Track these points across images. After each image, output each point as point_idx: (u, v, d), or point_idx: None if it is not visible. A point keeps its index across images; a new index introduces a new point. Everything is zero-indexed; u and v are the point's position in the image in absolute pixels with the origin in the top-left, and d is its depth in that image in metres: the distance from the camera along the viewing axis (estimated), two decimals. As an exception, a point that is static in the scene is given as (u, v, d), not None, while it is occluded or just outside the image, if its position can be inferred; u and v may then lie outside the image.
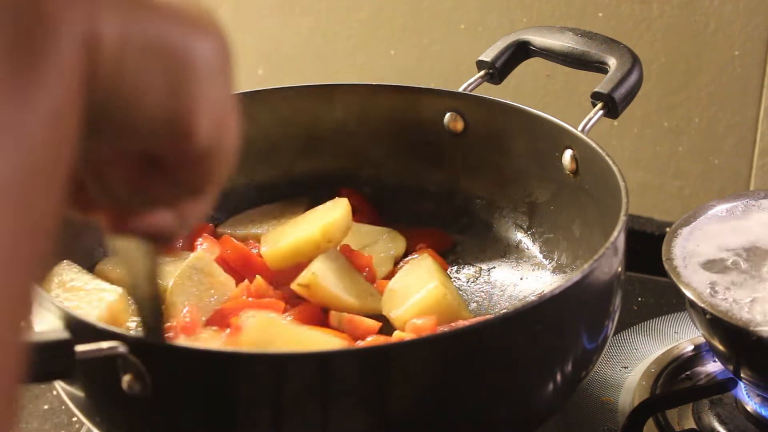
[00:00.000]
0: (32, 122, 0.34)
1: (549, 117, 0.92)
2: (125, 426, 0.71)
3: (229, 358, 0.66)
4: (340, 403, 0.65)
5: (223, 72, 0.43)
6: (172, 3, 0.41)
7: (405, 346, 0.68)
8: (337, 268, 0.89)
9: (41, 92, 0.34)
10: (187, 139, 0.42)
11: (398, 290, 0.90)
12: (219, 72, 0.43)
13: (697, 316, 0.83)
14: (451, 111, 0.99)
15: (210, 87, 0.42)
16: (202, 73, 0.42)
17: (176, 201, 0.47)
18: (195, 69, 0.41)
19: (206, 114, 0.42)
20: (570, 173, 0.91)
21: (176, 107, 0.41)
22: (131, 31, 0.38)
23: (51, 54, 0.35)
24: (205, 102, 0.42)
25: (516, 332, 0.69)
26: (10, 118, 0.33)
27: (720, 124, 1.17)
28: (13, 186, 0.33)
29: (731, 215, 0.90)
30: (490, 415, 0.71)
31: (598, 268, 0.72)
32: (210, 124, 0.43)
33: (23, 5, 0.34)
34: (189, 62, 0.41)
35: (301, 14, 1.30)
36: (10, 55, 0.33)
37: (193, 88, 0.41)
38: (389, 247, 0.97)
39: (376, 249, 0.96)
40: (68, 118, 0.36)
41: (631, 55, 0.93)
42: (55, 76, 0.35)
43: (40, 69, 0.34)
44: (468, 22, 1.23)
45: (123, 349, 0.63)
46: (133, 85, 0.39)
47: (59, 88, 0.35)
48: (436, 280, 0.88)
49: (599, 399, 0.91)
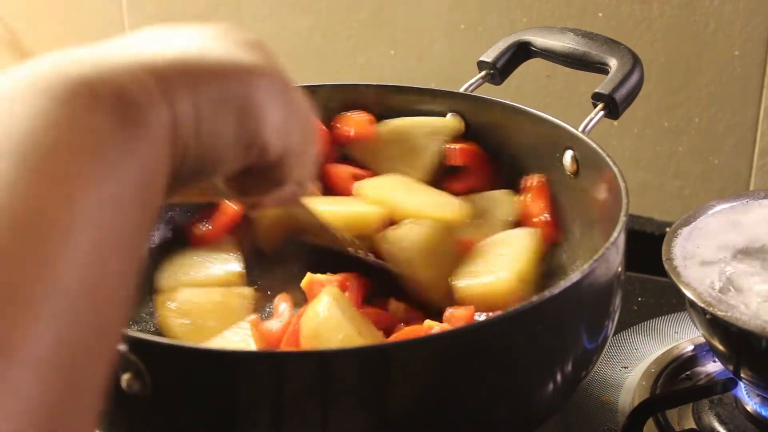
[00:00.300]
0: (127, 181, 0.44)
1: (550, 118, 0.92)
2: (125, 425, 0.70)
3: (229, 357, 0.66)
4: (340, 403, 0.65)
5: (279, 95, 0.54)
6: (227, 58, 0.52)
7: (405, 346, 0.68)
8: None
9: (134, 160, 0.44)
10: (264, 152, 0.54)
11: (478, 261, 0.88)
12: (274, 97, 0.53)
13: (697, 316, 0.83)
14: (451, 112, 0.99)
15: (269, 110, 0.53)
16: (261, 103, 0.52)
17: (279, 188, 0.59)
18: (254, 103, 0.52)
19: (272, 131, 0.53)
20: (571, 174, 0.91)
21: (248, 135, 0.52)
22: (199, 100, 0.49)
23: (143, 138, 0.45)
24: (269, 122, 0.53)
25: (516, 332, 0.68)
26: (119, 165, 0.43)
27: (720, 124, 1.17)
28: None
29: (731, 215, 0.90)
30: (490, 415, 0.71)
31: (598, 268, 0.72)
32: (278, 136, 0.54)
33: (125, 109, 0.44)
34: (248, 99, 0.52)
35: (301, 14, 1.29)
36: (114, 135, 0.43)
37: (257, 116, 0.52)
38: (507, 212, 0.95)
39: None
40: (156, 183, 0.46)
41: (632, 56, 0.93)
42: (147, 149, 0.45)
43: (135, 143, 0.44)
44: (468, 22, 1.23)
45: (122, 348, 0.63)
46: (211, 134, 0.50)
47: (151, 158, 0.45)
48: (514, 270, 0.86)
49: (599, 399, 0.91)
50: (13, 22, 1.56)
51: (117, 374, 0.64)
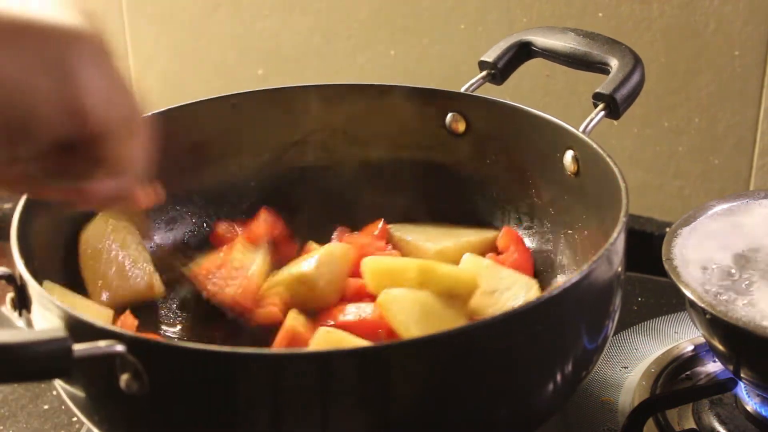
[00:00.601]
0: None
1: (551, 118, 0.92)
2: (124, 425, 0.70)
3: (227, 357, 0.65)
4: (340, 403, 0.65)
5: (100, 62, 0.53)
6: (48, 18, 0.51)
7: (405, 346, 0.68)
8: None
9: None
10: (84, 121, 0.52)
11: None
12: (95, 63, 0.52)
13: (697, 316, 0.83)
14: (453, 112, 0.99)
15: (89, 75, 0.52)
16: (79, 65, 0.52)
17: (103, 173, 0.57)
18: (71, 63, 0.51)
19: (93, 98, 0.52)
20: (571, 174, 0.91)
21: (65, 97, 0.51)
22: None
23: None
24: (90, 88, 0.52)
25: (516, 332, 0.68)
26: None
27: (720, 124, 1.17)
28: None
29: (731, 215, 0.90)
30: (490, 415, 0.71)
31: (597, 268, 0.72)
32: (100, 105, 0.52)
33: None
34: (64, 59, 0.51)
35: (301, 14, 1.29)
36: None
37: (74, 78, 0.51)
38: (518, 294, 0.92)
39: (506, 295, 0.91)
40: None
41: (633, 56, 0.93)
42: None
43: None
44: (468, 22, 1.23)
45: (121, 348, 0.63)
46: (17, 88, 0.50)
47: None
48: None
49: (599, 399, 0.91)
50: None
51: (116, 374, 0.64)
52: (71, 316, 0.67)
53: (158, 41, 1.38)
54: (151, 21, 1.37)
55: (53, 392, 0.99)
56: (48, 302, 0.69)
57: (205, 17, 1.34)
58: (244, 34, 1.32)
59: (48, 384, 1.00)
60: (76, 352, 0.62)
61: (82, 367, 0.64)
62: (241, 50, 1.33)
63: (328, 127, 1.02)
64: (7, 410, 0.98)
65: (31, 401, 0.99)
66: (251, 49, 1.32)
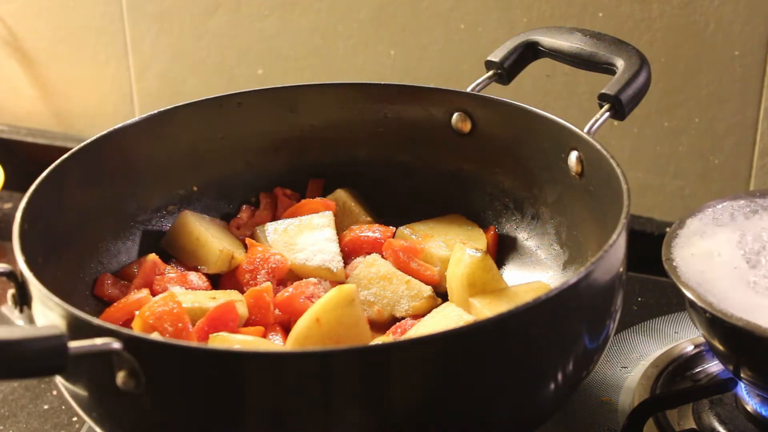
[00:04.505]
0: None
1: (556, 118, 0.91)
2: (122, 422, 0.71)
3: (224, 356, 0.65)
4: (340, 402, 0.65)
5: None
6: None
7: (405, 346, 0.68)
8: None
9: None
10: None
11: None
12: None
13: (697, 316, 0.83)
14: (459, 111, 0.99)
15: None
16: None
17: None
18: None
19: None
20: (576, 175, 0.91)
21: None
22: None
23: None
24: None
25: (516, 332, 0.68)
26: None
27: (720, 124, 1.17)
28: None
29: (731, 215, 0.90)
30: (491, 415, 0.71)
31: (597, 268, 0.72)
32: None
33: None
34: None
35: (301, 14, 1.29)
36: None
37: None
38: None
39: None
40: None
41: (639, 57, 0.92)
42: None
43: None
44: (468, 22, 1.23)
45: (117, 346, 0.63)
46: None
47: None
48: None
49: (599, 399, 0.91)
50: (13, 22, 1.56)
51: (112, 372, 0.64)
52: (69, 313, 0.67)
53: (158, 41, 1.38)
54: (151, 21, 1.37)
55: (53, 392, 0.99)
56: (48, 299, 0.69)
57: (205, 17, 1.34)
58: (244, 34, 1.32)
59: (48, 384, 1.00)
60: (72, 349, 0.62)
61: (79, 364, 0.64)
62: (241, 50, 1.33)
63: (328, 127, 1.02)
64: (7, 410, 0.98)
65: (31, 401, 0.99)
66: (251, 49, 1.32)
